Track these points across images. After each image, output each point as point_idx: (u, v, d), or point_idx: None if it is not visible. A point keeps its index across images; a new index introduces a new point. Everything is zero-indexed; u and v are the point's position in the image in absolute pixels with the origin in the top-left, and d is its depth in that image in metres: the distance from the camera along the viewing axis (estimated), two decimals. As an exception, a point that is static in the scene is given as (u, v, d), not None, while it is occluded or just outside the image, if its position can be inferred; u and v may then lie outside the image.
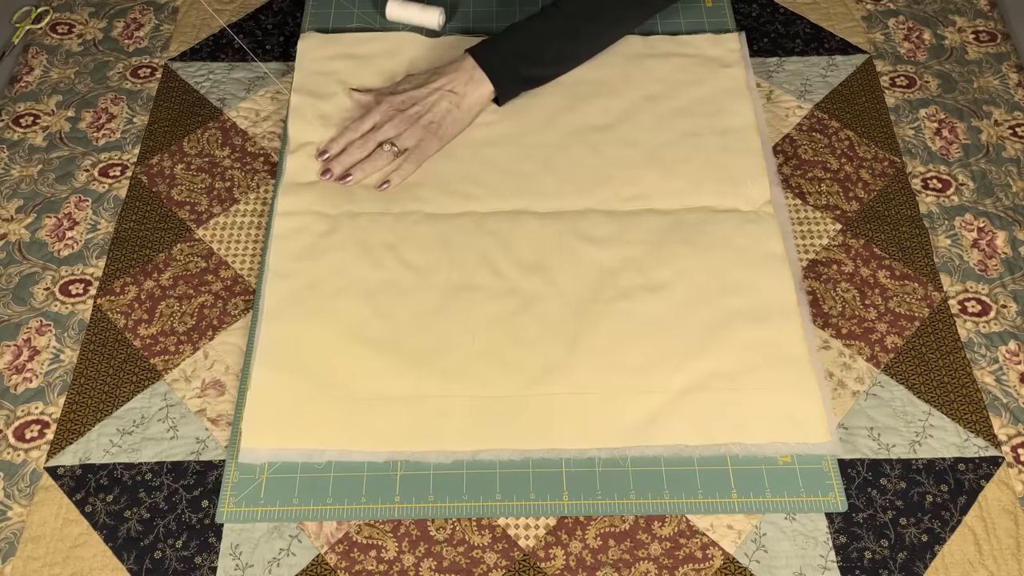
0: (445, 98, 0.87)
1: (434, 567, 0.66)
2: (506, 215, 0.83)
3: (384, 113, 0.86)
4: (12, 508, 0.68)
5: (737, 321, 0.76)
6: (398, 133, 0.85)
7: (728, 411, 0.71)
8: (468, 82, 0.87)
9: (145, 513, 0.68)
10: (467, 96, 0.87)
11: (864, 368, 0.75)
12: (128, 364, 0.76)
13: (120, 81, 0.96)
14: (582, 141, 0.88)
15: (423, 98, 0.87)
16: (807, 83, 0.95)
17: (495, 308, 0.77)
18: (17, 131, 0.92)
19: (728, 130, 0.89)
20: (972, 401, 0.73)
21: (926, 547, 0.67)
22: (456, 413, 0.71)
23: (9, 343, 0.77)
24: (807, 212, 0.85)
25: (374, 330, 0.76)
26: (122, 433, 0.72)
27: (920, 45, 0.99)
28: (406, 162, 0.85)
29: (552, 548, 0.67)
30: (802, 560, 0.66)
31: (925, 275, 0.81)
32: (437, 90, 0.87)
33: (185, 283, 0.80)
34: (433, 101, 0.86)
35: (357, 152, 0.85)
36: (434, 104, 0.86)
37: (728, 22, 1.00)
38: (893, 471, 0.70)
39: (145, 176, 0.88)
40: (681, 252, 0.80)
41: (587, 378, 0.73)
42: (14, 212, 0.85)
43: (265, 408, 0.72)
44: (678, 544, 0.67)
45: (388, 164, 0.85)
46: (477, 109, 0.89)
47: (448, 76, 0.87)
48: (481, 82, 0.87)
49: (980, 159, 0.89)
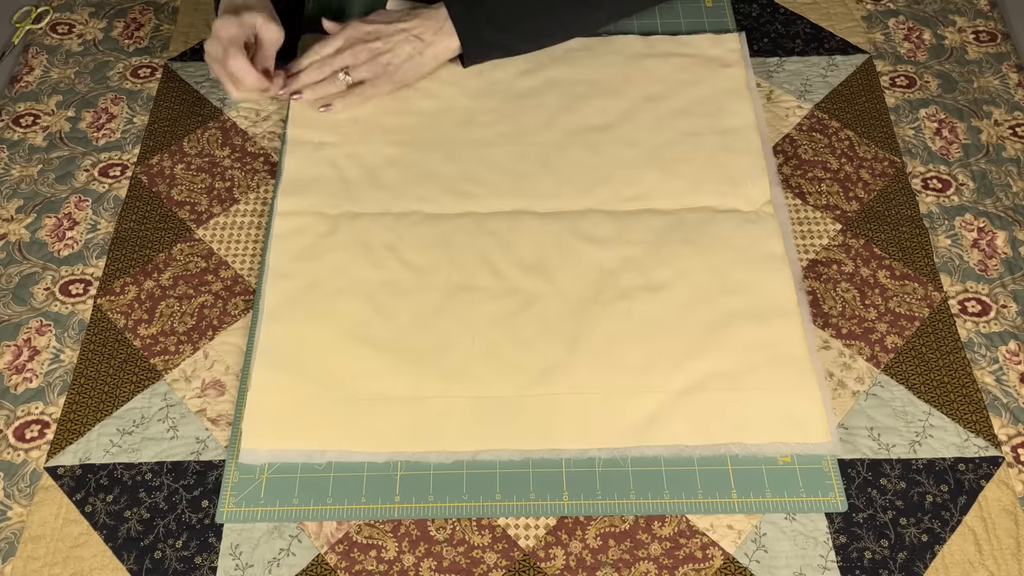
0: (409, 42, 0.86)
1: (434, 567, 0.66)
2: (506, 215, 0.83)
3: (348, 38, 0.86)
4: (12, 508, 0.68)
5: (737, 321, 0.76)
6: (355, 63, 0.86)
7: (728, 411, 0.71)
8: (437, 31, 0.87)
9: (145, 513, 0.68)
10: (432, 45, 0.87)
11: (864, 368, 0.75)
12: (128, 364, 0.76)
13: (120, 81, 0.96)
14: (582, 141, 0.88)
15: (388, 35, 0.86)
16: (807, 83, 0.95)
17: (495, 308, 0.77)
18: (17, 131, 0.92)
19: (728, 130, 0.89)
20: (972, 401, 0.73)
21: (926, 547, 0.67)
22: (456, 413, 0.71)
23: (9, 343, 0.77)
24: (807, 212, 0.85)
25: (374, 330, 0.76)
26: (122, 433, 0.72)
27: (920, 45, 0.99)
28: (353, 95, 0.86)
29: (552, 548, 0.67)
30: (802, 560, 0.66)
31: (925, 275, 0.81)
32: (404, 31, 0.86)
33: (185, 283, 0.80)
34: (397, 41, 0.86)
35: (315, 73, 0.86)
36: (397, 45, 0.86)
37: (728, 22, 1.00)
38: (893, 471, 0.70)
39: (145, 176, 0.88)
40: (681, 252, 0.80)
41: (587, 378, 0.73)
42: (14, 212, 0.85)
43: (265, 408, 0.72)
44: (678, 544, 0.67)
45: (337, 92, 0.86)
46: (439, 61, 0.89)
47: (418, 20, 0.87)
48: (449, 35, 0.87)
49: (980, 159, 0.89)
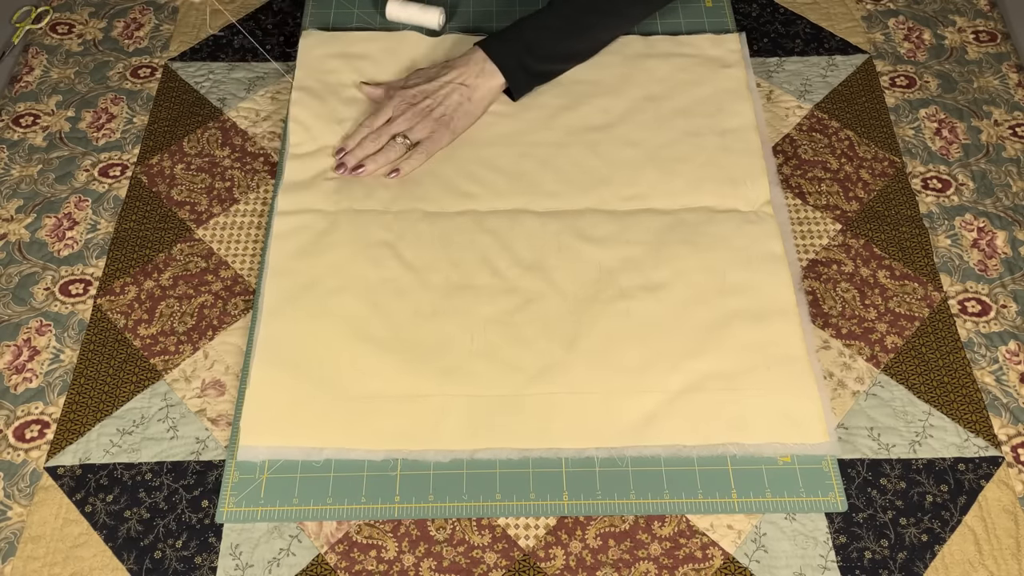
0: (456, 91, 0.87)
1: (434, 567, 0.66)
2: (505, 214, 0.83)
3: (397, 107, 0.87)
4: (12, 508, 0.68)
5: (736, 321, 0.76)
6: (411, 126, 0.86)
7: (726, 411, 0.71)
8: (479, 75, 0.88)
9: (145, 513, 0.68)
10: (478, 88, 0.88)
11: (864, 368, 0.75)
12: (128, 364, 0.76)
13: (120, 81, 0.96)
14: (582, 141, 0.88)
15: (434, 91, 0.87)
16: (807, 83, 0.95)
17: (494, 307, 0.77)
18: (17, 131, 0.92)
19: (728, 130, 0.89)
20: (972, 401, 0.73)
21: (926, 547, 0.67)
22: (454, 412, 0.71)
23: (9, 343, 0.77)
24: (807, 212, 0.85)
25: (373, 328, 0.76)
26: (122, 433, 0.72)
27: (920, 45, 0.99)
28: (416, 153, 0.86)
29: (552, 548, 0.67)
30: (802, 560, 0.66)
31: (925, 275, 0.81)
32: (448, 83, 0.87)
33: (185, 283, 0.80)
34: (445, 94, 0.87)
35: (370, 145, 0.86)
36: (445, 97, 0.87)
37: (728, 22, 1.00)
38: (893, 471, 0.70)
39: (145, 176, 0.88)
40: (680, 252, 0.80)
41: (586, 377, 0.73)
42: (14, 212, 0.85)
43: (264, 406, 0.72)
44: (678, 544, 0.67)
45: (399, 156, 0.86)
46: (488, 101, 0.90)
47: (459, 69, 0.88)
48: (492, 74, 0.88)
49: (980, 159, 0.89)
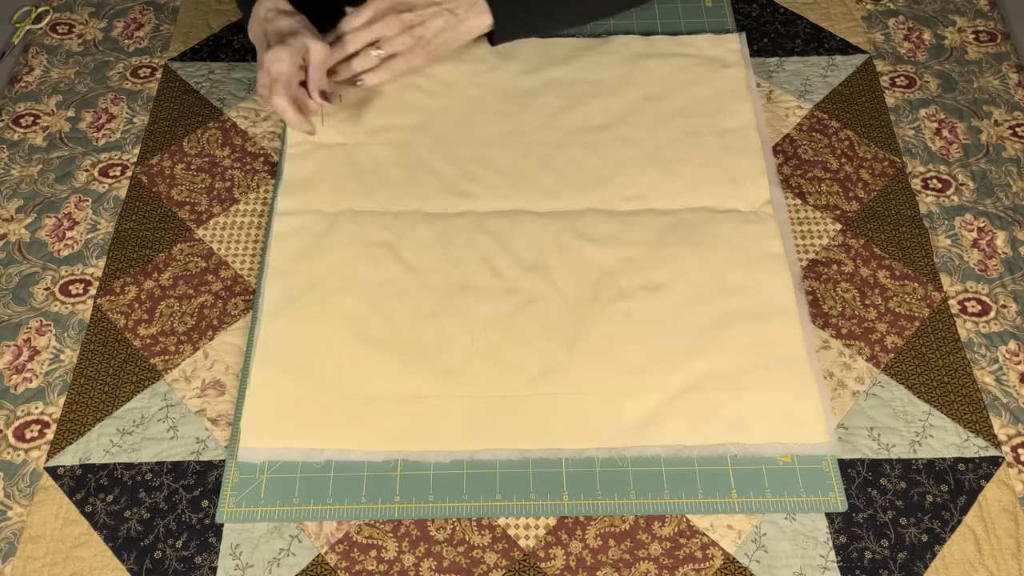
0: (443, 16, 0.86)
1: (434, 567, 0.66)
2: (505, 215, 0.83)
3: (378, 9, 0.86)
4: (12, 508, 0.68)
5: (736, 321, 0.76)
6: (390, 35, 0.85)
7: (726, 411, 0.71)
8: (470, 8, 0.87)
9: (145, 513, 0.68)
10: (465, 21, 0.87)
11: (864, 368, 0.75)
12: (128, 364, 0.76)
13: (120, 81, 0.96)
14: (582, 141, 0.88)
15: (421, 7, 0.86)
16: (807, 83, 0.95)
17: (494, 308, 0.77)
18: (17, 131, 0.92)
19: (728, 130, 0.89)
20: (972, 401, 0.73)
21: (926, 547, 0.67)
22: (454, 413, 0.71)
23: (9, 343, 0.77)
24: (807, 212, 0.85)
25: (373, 329, 0.76)
26: (122, 433, 0.72)
27: (920, 45, 0.99)
28: (384, 68, 0.85)
29: (552, 548, 0.67)
30: (802, 560, 0.66)
31: (925, 275, 0.81)
32: (438, 4, 0.86)
33: (185, 283, 0.80)
34: (432, 14, 0.86)
35: (347, 47, 0.86)
36: (432, 16, 0.86)
37: (728, 22, 1.00)
38: (893, 471, 0.70)
39: (145, 176, 0.88)
40: (680, 252, 0.80)
41: (586, 378, 0.73)
42: (14, 212, 0.85)
43: (264, 406, 0.72)
44: (678, 544, 0.67)
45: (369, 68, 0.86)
46: (469, 37, 0.89)
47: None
48: (482, 12, 0.88)
49: (980, 159, 0.89)
